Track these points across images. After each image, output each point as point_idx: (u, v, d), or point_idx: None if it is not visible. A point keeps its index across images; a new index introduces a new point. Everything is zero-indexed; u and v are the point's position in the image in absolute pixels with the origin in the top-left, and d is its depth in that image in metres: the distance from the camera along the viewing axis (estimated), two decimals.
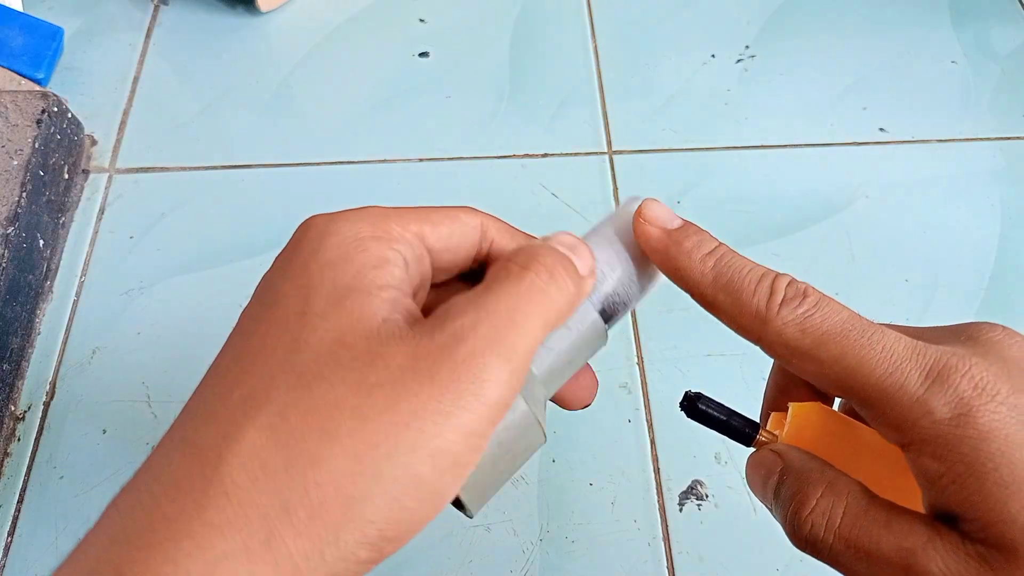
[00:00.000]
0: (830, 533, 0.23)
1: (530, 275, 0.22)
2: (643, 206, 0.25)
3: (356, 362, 0.19)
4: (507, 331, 0.20)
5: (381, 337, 0.20)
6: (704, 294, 0.24)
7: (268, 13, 0.63)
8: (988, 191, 0.55)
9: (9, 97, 0.51)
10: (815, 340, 0.22)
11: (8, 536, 0.41)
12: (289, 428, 0.19)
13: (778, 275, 0.24)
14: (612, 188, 0.54)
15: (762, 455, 0.26)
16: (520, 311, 0.21)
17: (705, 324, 0.51)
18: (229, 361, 0.21)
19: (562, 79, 0.60)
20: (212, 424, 0.20)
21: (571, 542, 0.41)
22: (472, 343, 0.20)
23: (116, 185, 0.54)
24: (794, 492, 0.24)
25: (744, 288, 0.23)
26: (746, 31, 0.63)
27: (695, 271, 0.24)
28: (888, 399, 0.21)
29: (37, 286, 0.48)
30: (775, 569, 0.40)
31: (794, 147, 0.57)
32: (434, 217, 0.23)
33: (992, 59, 0.62)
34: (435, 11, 0.64)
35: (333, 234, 0.21)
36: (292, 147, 0.56)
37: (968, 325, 0.23)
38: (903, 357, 0.21)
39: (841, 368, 0.22)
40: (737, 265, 0.24)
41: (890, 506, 0.22)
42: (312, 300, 0.20)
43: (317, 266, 0.21)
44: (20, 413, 0.45)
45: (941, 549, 0.21)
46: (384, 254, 0.21)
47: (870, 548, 0.22)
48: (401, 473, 0.19)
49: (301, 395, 0.19)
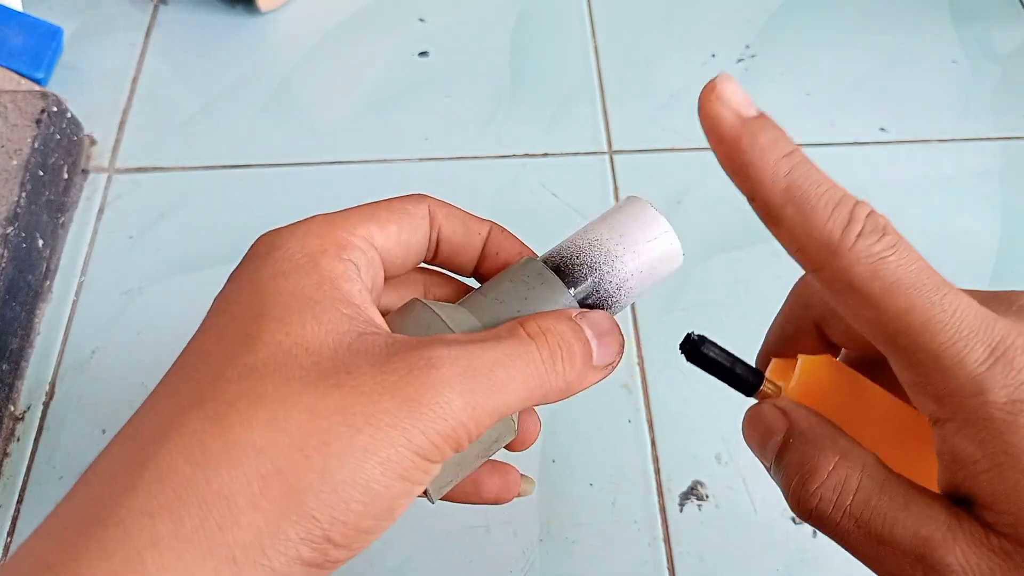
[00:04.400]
0: (839, 511, 0.21)
1: (532, 346, 0.21)
2: (716, 82, 0.20)
3: (317, 365, 0.19)
4: (482, 381, 0.19)
5: (350, 348, 0.19)
6: (771, 203, 0.21)
7: (268, 13, 0.63)
8: (988, 191, 0.55)
9: (8, 97, 0.51)
10: (885, 286, 0.19)
11: (8, 536, 0.41)
12: (234, 415, 0.18)
13: (859, 202, 0.20)
14: (612, 188, 0.54)
15: (765, 411, 0.24)
16: (504, 369, 0.20)
17: (705, 324, 0.50)
18: (180, 362, 0.21)
19: (562, 79, 0.60)
20: (155, 415, 0.19)
21: (571, 542, 0.41)
22: (444, 374, 0.19)
23: (115, 185, 0.54)
24: (802, 460, 0.22)
25: (819, 207, 0.20)
26: (746, 31, 0.63)
27: (767, 173, 0.20)
28: (943, 369, 0.19)
29: (36, 286, 0.48)
30: (776, 570, 0.40)
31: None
32: (381, 215, 0.23)
33: (992, 59, 0.61)
34: (435, 11, 0.64)
35: (280, 247, 0.21)
36: (292, 147, 0.56)
37: (1019, 294, 0.21)
38: (972, 328, 0.19)
39: (904, 324, 0.19)
40: (815, 178, 0.20)
41: (908, 485, 0.21)
42: (268, 305, 0.20)
43: (268, 276, 0.21)
44: (19, 413, 0.45)
45: (962, 540, 0.19)
46: (334, 267, 0.21)
47: (883, 532, 0.20)
48: (349, 475, 0.18)
49: (252, 386, 0.18)
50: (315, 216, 0.22)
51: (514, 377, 0.20)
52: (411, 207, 0.24)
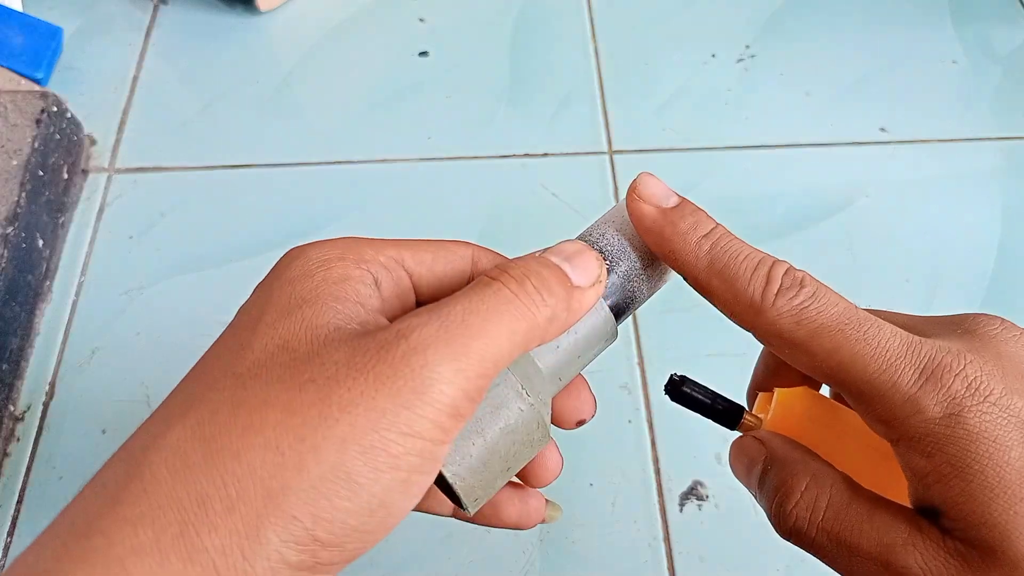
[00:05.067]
0: (813, 526, 0.23)
1: (495, 284, 0.20)
2: (637, 180, 0.24)
3: (295, 362, 0.19)
4: (458, 332, 0.19)
5: (325, 340, 0.19)
6: (698, 279, 0.23)
7: (267, 13, 0.63)
8: (988, 191, 0.55)
9: (8, 97, 0.51)
10: (809, 332, 0.22)
11: (8, 536, 0.41)
12: (216, 424, 0.18)
13: (776, 262, 0.23)
14: (612, 188, 0.54)
15: (746, 443, 0.26)
16: (476, 314, 0.19)
17: (705, 324, 0.50)
18: (185, 376, 0.21)
19: (562, 79, 0.60)
20: (150, 428, 0.19)
21: (571, 543, 0.41)
22: (415, 340, 0.18)
23: (115, 185, 0.54)
24: (778, 484, 0.24)
25: (740, 275, 0.23)
26: (746, 31, 0.63)
27: (690, 254, 0.23)
28: (880, 396, 0.21)
29: (36, 286, 0.48)
30: (775, 570, 0.40)
31: (794, 147, 0.57)
32: (417, 245, 0.23)
33: (992, 59, 0.61)
34: (435, 11, 0.64)
35: (298, 257, 0.21)
36: (292, 147, 0.56)
37: (966, 317, 0.23)
38: (898, 354, 0.21)
39: (835, 362, 0.21)
40: (734, 250, 0.23)
41: (873, 499, 0.22)
42: (266, 311, 0.20)
43: (279, 283, 0.21)
44: (19, 413, 0.45)
45: (921, 545, 0.21)
46: (349, 272, 0.21)
47: (851, 541, 0.22)
48: (328, 469, 0.17)
49: (234, 393, 0.18)
50: (350, 237, 0.22)
51: (490, 319, 0.19)
52: (451, 245, 0.23)
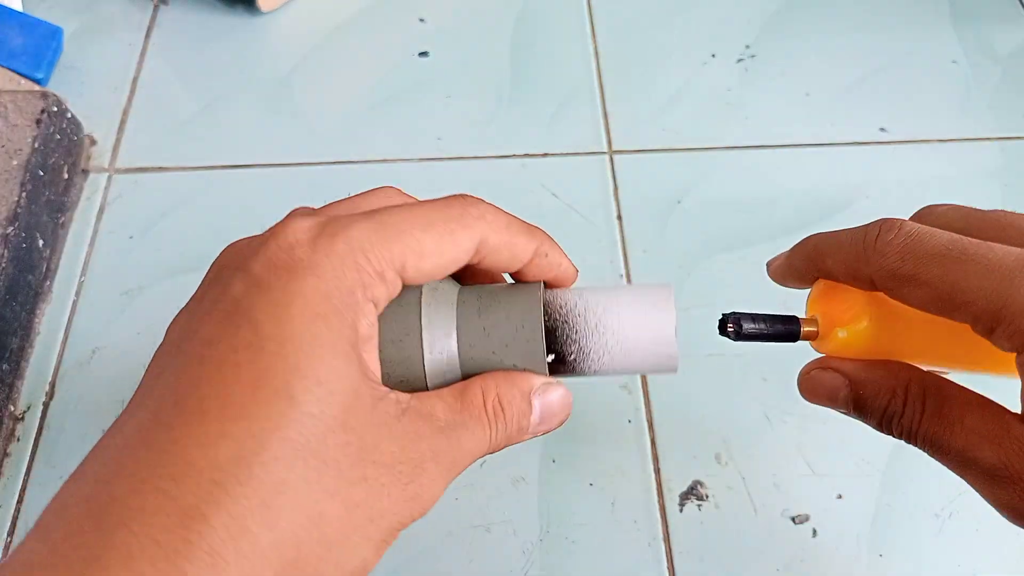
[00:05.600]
0: (917, 438, 0.24)
1: (490, 430, 0.23)
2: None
3: (351, 447, 0.20)
4: (458, 465, 0.23)
5: (371, 422, 0.20)
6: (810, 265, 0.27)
7: (268, 13, 0.63)
8: (988, 191, 0.55)
9: (8, 97, 0.51)
10: (917, 262, 0.22)
11: (8, 536, 0.41)
12: (254, 519, 0.18)
13: (875, 221, 0.25)
14: (612, 188, 0.54)
15: (819, 377, 0.26)
16: (470, 455, 0.23)
17: (704, 324, 0.50)
18: (193, 383, 0.20)
19: (562, 79, 0.60)
20: (178, 493, 0.18)
21: (571, 542, 0.41)
22: (437, 472, 0.22)
23: (116, 185, 0.54)
24: (873, 407, 0.25)
25: (842, 236, 0.25)
26: (746, 31, 0.63)
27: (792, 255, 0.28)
28: (999, 309, 0.21)
29: (36, 286, 0.48)
30: (775, 569, 0.40)
31: (794, 147, 0.57)
32: (426, 244, 0.22)
33: (992, 59, 0.61)
34: (435, 11, 0.64)
35: (316, 271, 0.20)
36: (292, 147, 0.56)
37: None
38: (1014, 266, 0.21)
39: (948, 284, 0.22)
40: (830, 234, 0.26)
41: (962, 398, 0.24)
42: (302, 358, 0.19)
43: (302, 314, 0.20)
44: (19, 413, 0.45)
45: (1006, 442, 0.22)
46: (365, 310, 0.21)
47: (945, 444, 0.24)
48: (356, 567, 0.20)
49: (298, 470, 0.19)
50: (353, 222, 0.22)
51: (473, 452, 0.23)
52: (460, 234, 0.23)
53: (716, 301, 0.48)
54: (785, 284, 0.29)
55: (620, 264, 0.50)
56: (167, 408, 0.19)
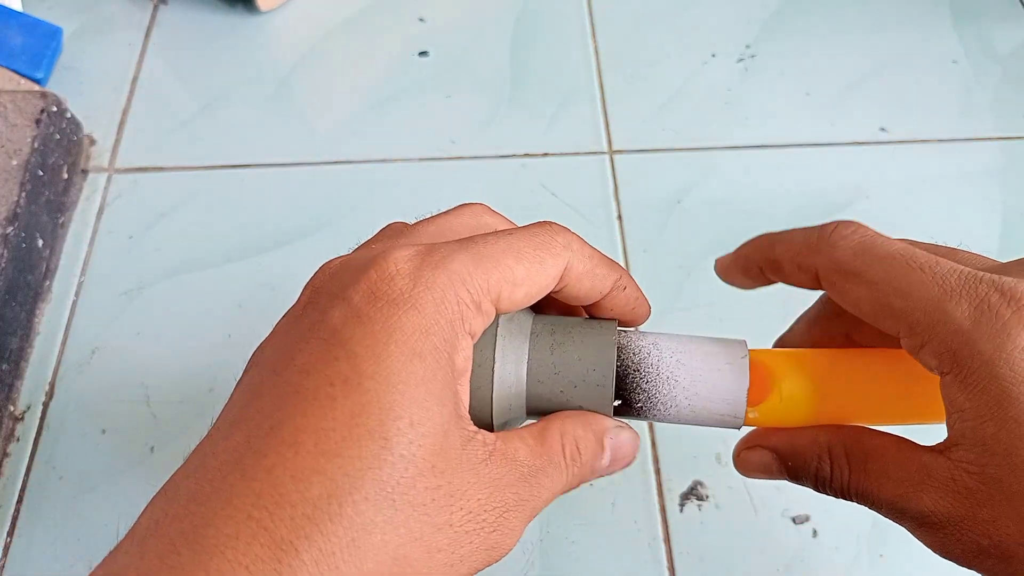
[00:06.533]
0: (851, 494, 0.25)
1: (567, 475, 0.24)
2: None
3: (439, 491, 0.20)
4: (534, 511, 0.23)
5: (461, 471, 0.20)
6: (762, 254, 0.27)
7: (268, 13, 0.63)
8: (988, 191, 0.55)
9: (8, 97, 0.51)
10: (867, 261, 0.22)
11: (8, 536, 0.41)
12: (341, 558, 0.19)
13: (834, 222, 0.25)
14: (612, 188, 0.54)
15: (748, 458, 0.27)
16: (545, 499, 0.23)
17: (705, 324, 0.50)
18: (288, 412, 0.19)
19: (562, 79, 0.60)
20: (291, 518, 0.18)
21: (571, 543, 0.41)
22: (518, 518, 0.22)
23: (115, 185, 0.54)
24: (804, 475, 0.25)
25: (797, 232, 0.25)
26: (746, 30, 0.63)
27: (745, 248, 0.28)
28: (933, 327, 0.21)
29: (36, 286, 0.48)
30: (775, 569, 0.40)
31: (794, 147, 0.57)
32: (518, 273, 0.22)
33: (993, 59, 0.61)
34: (435, 10, 0.64)
35: (416, 305, 0.20)
36: (292, 147, 0.56)
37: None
38: (955, 286, 0.21)
39: (891, 289, 0.22)
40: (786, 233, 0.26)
41: (883, 449, 0.24)
42: (399, 398, 0.19)
43: (401, 349, 0.20)
44: (19, 413, 0.45)
45: (931, 489, 0.22)
46: (462, 344, 0.21)
47: (875, 497, 0.24)
48: None
49: (386, 514, 0.19)
50: (452, 252, 0.21)
51: (549, 497, 0.23)
52: (548, 262, 0.23)
53: (716, 301, 0.48)
54: (729, 279, 0.29)
55: (621, 264, 0.50)
56: (261, 435, 0.19)
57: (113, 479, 0.43)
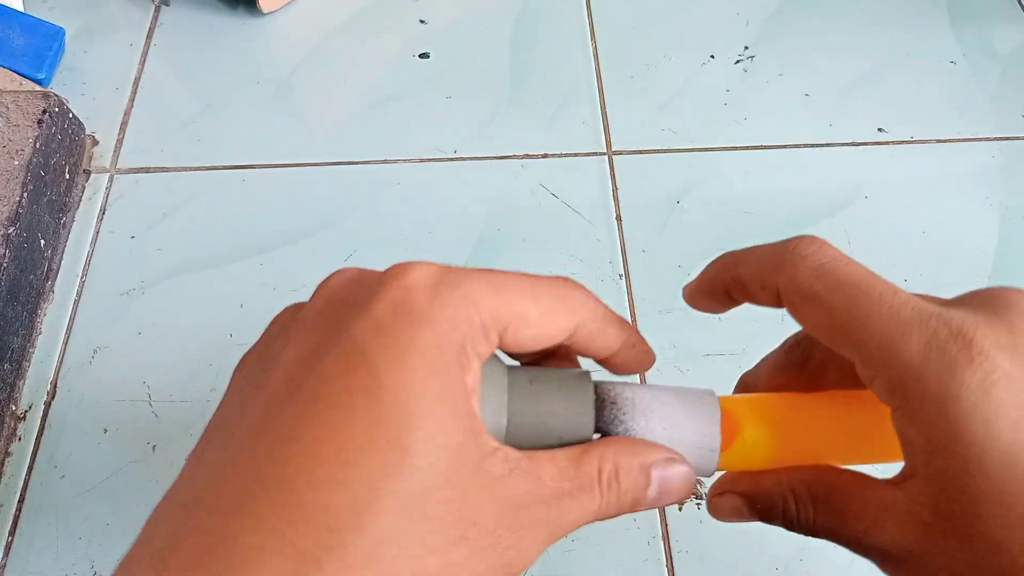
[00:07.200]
0: (819, 532, 0.24)
1: (601, 501, 0.23)
2: None
3: (452, 506, 0.20)
4: (561, 532, 0.22)
5: (479, 486, 0.20)
6: (725, 274, 0.26)
7: (269, 14, 0.63)
8: (988, 191, 0.55)
9: (10, 97, 0.51)
10: (828, 286, 0.22)
11: (9, 536, 0.41)
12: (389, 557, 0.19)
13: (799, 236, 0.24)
14: (612, 188, 0.54)
15: (719, 504, 0.27)
16: (575, 524, 0.22)
17: (704, 324, 0.50)
18: (307, 421, 0.20)
19: (562, 79, 0.60)
20: (317, 529, 0.19)
21: (571, 542, 0.41)
22: (538, 538, 0.21)
23: (117, 185, 0.54)
24: (773, 515, 0.25)
25: (762, 248, 0.25)
26: (746, 31, 0.63)
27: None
28: (886, 361, 0.21)
29: (38, 286, 0.49)
30: (774, 569, 0.40)
31: (794, 147, 0.57)
32: (531, 315, 0.22)
33: (992, 59, 0.62)
34: (435, 11, 0.64)
35: (430, 323, 0.20)
36: (292, 147, 0.56)
37: (991, 290, 0.23)
38: (909, 321, 0.21)
39: (849, 318, 0.22)
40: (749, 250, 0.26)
41: (844, 488, 0.24)
42: (415, 412, 0.19)
43: (418, 366, 0.20)
44: (21, 413, 0.45)
45: (890, 524, 0.22)
46: (472, 365, 0.21)
47: (838, 534, 0.24)
48: None
49: (401, 523, 0.19)
50: (471, 275, 0.21)
51: (576, 522, 0.22)
52: (561, 314, 0.23)
53: None
54: (697, 305, 0.29)
55: (620, 264, 0.51)
56: (282, 444, 0.19)
57: (115, 478, 0.43)
